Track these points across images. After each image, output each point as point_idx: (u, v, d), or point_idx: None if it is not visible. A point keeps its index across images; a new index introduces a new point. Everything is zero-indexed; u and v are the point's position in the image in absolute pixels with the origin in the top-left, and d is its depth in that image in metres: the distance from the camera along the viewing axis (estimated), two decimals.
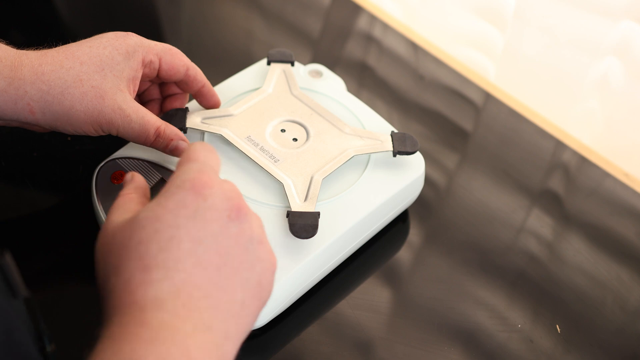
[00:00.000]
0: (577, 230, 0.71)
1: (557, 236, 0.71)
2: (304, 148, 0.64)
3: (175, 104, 0.66)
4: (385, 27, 0.90)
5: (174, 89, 0.66)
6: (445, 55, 0.87)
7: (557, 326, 0.64)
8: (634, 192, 0.75)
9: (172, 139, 0.59)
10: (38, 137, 0.72)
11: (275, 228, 0.59)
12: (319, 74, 0.72)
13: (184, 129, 0.63)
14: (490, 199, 0.73)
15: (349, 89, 0.74)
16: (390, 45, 0.88)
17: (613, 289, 0.67)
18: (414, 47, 0.88)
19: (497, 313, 0.64)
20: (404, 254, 0.68)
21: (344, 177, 0.63)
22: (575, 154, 0.78)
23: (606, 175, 0.76)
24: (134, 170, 0.62)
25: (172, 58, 0.61)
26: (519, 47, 0.88)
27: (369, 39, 0.89)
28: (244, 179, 0.62)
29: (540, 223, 0.71)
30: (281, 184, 0.61)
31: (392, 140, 0.65)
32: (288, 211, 0.59)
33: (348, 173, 0.64)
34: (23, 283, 0.43)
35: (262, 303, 0.45)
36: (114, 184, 0.62)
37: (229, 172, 0.62)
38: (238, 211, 0.44)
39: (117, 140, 0.66)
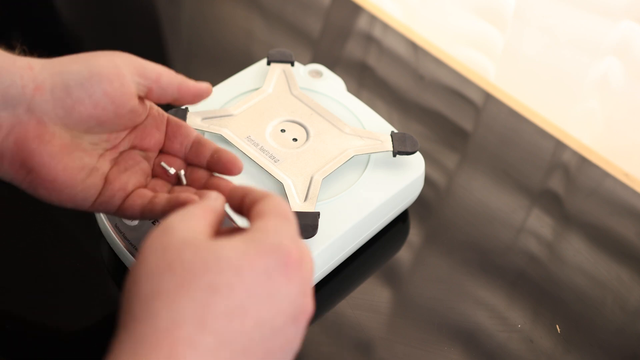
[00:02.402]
0: (577, 230, 0.71)
1: (557, 236, 0.71)
2: (304, 148, 0.64)
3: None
4: (385, 27, 0.90)
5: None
6: (445, 55, 0.87)
7: (557, 326, 0.64)
8: (634, 192, 0.75)
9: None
10: None
11: None
12: (319, 74, 0.72)
13: None
14: (490, 199, 0.73)
15: (349, 89, 0.74)
16: (390, 45, 0.88)
17: (613, 289, 0.67)
18: (414, 47, 0.88)
19: (497, 313, 0.64)
20: (404, 254, 0.68)
21: (344, 177, 0.63)
22: (575, 154, 0.78)
23: (606, 175, 0.76)
24: None
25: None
26: (519, 47, 0.88)
27: (369, 39, 0.89)
28: (244, 179, 0.62)
29: (540, 223, 0.71)
30: (281, 184, 0.61)
31: (392, 140, 0.65)
32: None
33: (348, 173, 0.64)
34: None
35: None
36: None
37: None
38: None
39: None
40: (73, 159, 0.48)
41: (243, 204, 0.45)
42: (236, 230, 0.44)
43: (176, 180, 0.53)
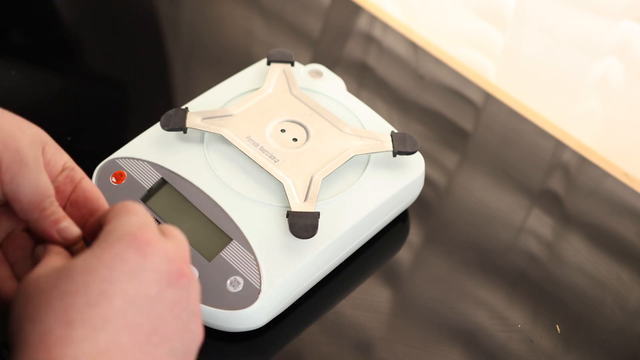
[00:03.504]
0: (577, 230, 0.71)
1: (557, 236, 0.71)
2: (304, 148, 0.64)
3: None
4: (385, 27, 0.90)
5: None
6: (445, 55, 0.87)
7: (557, 326, 0.64)
8: (634, 192, 0.75)
9: (63, 218, 0.46)
10: None
11: (275, 228, 0.59)
12: (319, 74, 0.72)
13: (184, 129, 0.63)
14: (490, 199, 0.73)
15: (349, 89, 0.74)
16: (390, 45, 0.88)
17: (613, 289, 0.67)
18: (414, 47, 0.88)
19: (497, 313, 0.64)
20: (404, 254, 0.68)
21: (344, 177, 0.63)
22: (575, 154, 0.78)
23: (606, 175, 0.76)
24: (133, 170, 0.62)
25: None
26: (519, 47, 0.88)
27: (369, 39, 0.89)
28: (244, 179, 0.62)
29: (540, 223, 0.71)
30: (281, 184, 0.61)
31: (392, 140, 0.65)
32: (288, 211, 0.59)
33: (348, 173, 0.63)
34: None
35: None
36: (114, 184, 0.62)
37: (228, 173, 0.62)
38: (179, 276, 0.41)
39: (117, 140, 0.66)
40: None
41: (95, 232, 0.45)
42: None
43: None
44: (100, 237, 0.41)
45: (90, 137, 0.73)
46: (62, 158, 0.49)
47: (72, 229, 0.46)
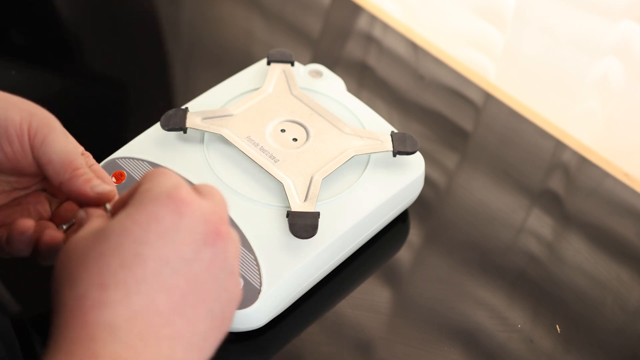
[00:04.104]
0: (577, 230, 0.71)
1: (557, 236, 0.71)
2: (304, 148, 0.64)
3: None
4: (385, 27, 0.90)
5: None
6: (445, 55, 0.87)
7: (557, 326, 0.64)
8: (634, 192, 0.75)
9: (93, 178, 0.48)
10: None
11: (275, 228, 0.59)
12: (319, 74, 0.72)
13: (184, 129, 0.63)
14: (490, 199, 0.73)
15: (349, 89, 0.74)
16: (390, 45, 0.88)
17: (613, 289, 0.67)
18: (414, 47, 0.88)
19: (497, 313, 0.64)
20: (404, 254, 0.68)
21: (344, 177, 0.63)
22: (575, 154, 0.78)
23: (606, 175, 0.76)
24: (134, 170, 0.63)
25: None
26: (519, 47, 0.88)
27: (369, 39, 0.89)
28: (244, 179, 0.62)
29: (540, 223, 0.71)
30: (281, 184, 0.61)
31: (392, 140, 0.65)
32: (288, 211, 0.59)
33: (348, 173, 0.64)
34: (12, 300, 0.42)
35: (222, 336, 0.42)
36: (114, 184, 0.62)
37: (228, 173, 0.62)
38: (215, 236, 0.41)
39: (117, 140, 0.66)
40: None
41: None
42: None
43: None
44: (135, 198, 0.41)
45: (90, 137, 0.73)
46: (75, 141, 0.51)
47: (105, 186, 0.47)
